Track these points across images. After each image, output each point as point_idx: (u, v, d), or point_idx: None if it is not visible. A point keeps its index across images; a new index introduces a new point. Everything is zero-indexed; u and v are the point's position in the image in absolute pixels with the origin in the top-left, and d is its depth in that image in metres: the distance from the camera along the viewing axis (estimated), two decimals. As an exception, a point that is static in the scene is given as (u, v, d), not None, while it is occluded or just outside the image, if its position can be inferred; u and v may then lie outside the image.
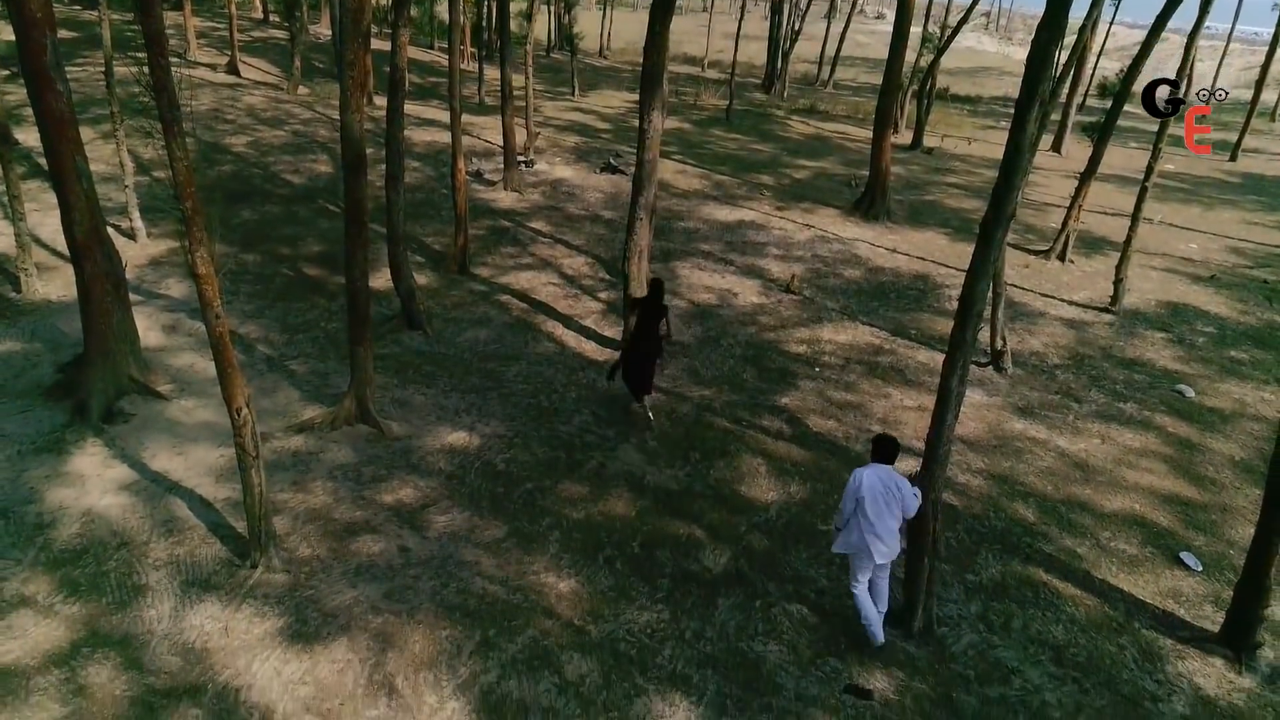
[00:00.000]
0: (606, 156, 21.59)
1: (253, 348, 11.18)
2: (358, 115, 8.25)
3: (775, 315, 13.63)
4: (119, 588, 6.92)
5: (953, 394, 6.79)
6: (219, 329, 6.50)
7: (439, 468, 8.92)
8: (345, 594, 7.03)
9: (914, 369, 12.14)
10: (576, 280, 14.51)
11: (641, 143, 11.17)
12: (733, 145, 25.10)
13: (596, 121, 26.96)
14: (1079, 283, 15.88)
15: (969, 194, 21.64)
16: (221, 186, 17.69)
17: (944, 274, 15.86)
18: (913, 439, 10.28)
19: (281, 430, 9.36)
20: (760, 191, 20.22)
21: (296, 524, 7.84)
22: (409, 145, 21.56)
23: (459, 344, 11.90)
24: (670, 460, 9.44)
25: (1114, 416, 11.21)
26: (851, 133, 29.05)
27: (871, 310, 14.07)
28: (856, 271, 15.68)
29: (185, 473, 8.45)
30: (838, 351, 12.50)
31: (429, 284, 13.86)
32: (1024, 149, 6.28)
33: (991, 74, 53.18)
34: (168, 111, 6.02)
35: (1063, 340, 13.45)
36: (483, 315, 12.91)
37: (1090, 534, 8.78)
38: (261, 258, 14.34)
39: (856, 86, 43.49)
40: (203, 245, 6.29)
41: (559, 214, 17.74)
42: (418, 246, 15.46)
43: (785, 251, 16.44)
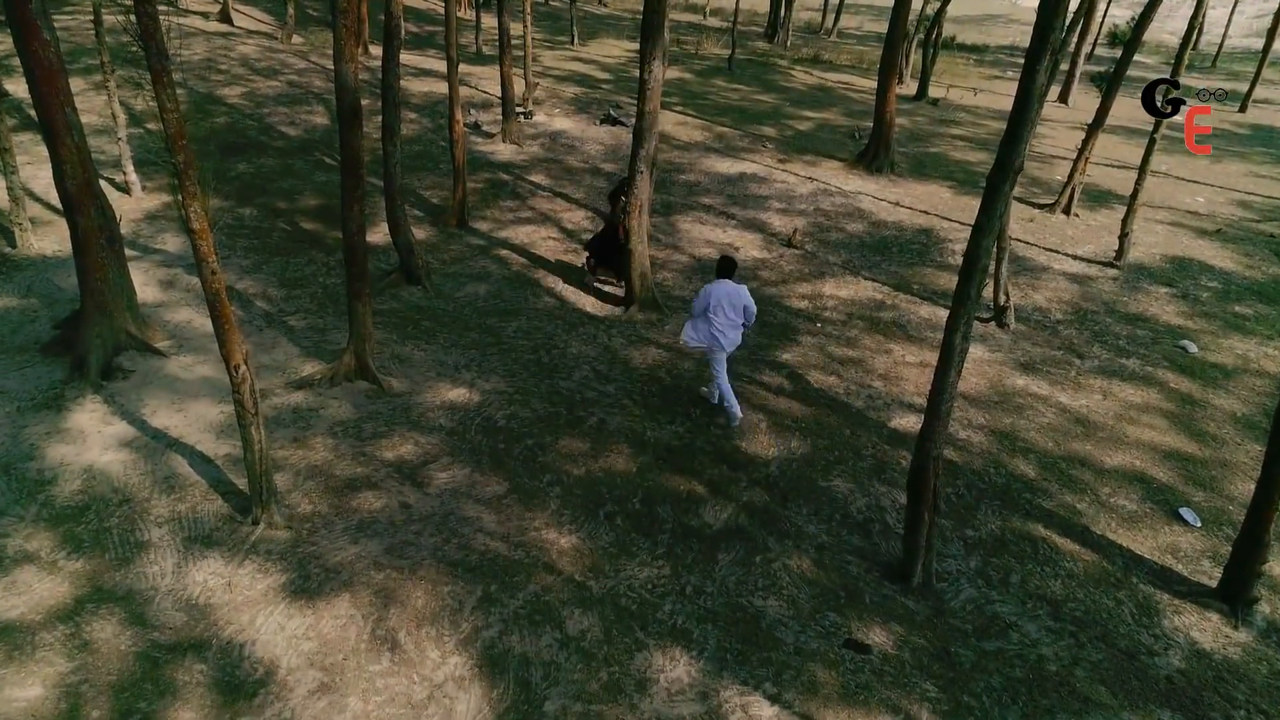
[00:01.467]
0: (607, 108, 21.24)
1: (250, 303, 11.10)
2: (352, 65, 8.06)
3: (777, 270, 13.51)
4: (122, 544, 6.95)
5: (955, 350, 6.74)
6: (215, 284, 6.42)
7: (439, 424, 8.91)
8: (347, 550, 7.06)
9: (916, 324, 12.07)
10: (577, 234, 14.36)
11: (642, 94, 10.96)
12: (735, 96, 24.68)
13: (596, 71, 26.48)
14: (1084, 237, 15.72)
15: (974, 146, 21.34)
16: (216, 139, 17.44)
17: (947, 228, 15.69)
18: (914, 395, 10.27)
19: (281, 387, 9.33)
20: (762, 143, 19.93)
21: (298, 480, 7.85)
22: (406, 96, 21.22)
23: (458, 299, 11.82)
24: (671, 416, 9.42)
25: (1116, 372, 11.17)
26: (856, 83, 28.55)
27: (874, 265, 13.95)
28: (859, 225, 15.52)
29: (185, 429, 8.44)
30: (839, 307, 12.42)
31: (427, 238, 13.72)
32: (1034, 99, 6.14)
33: (999, 21, 52.13)
34: (157, 61, 5.87)
35: (1066, 295, 13.35)
36: (482, 270, 12.81)
37: (1090, 490, 8.80)
38: (258, 212, 14.18)
39: (861, 35, 42.64)
40: (196, 200, 6.18)
41: (558, 166, 17.51)
42: (415, 200, 15.27)
43: (787, 205, 16.25)
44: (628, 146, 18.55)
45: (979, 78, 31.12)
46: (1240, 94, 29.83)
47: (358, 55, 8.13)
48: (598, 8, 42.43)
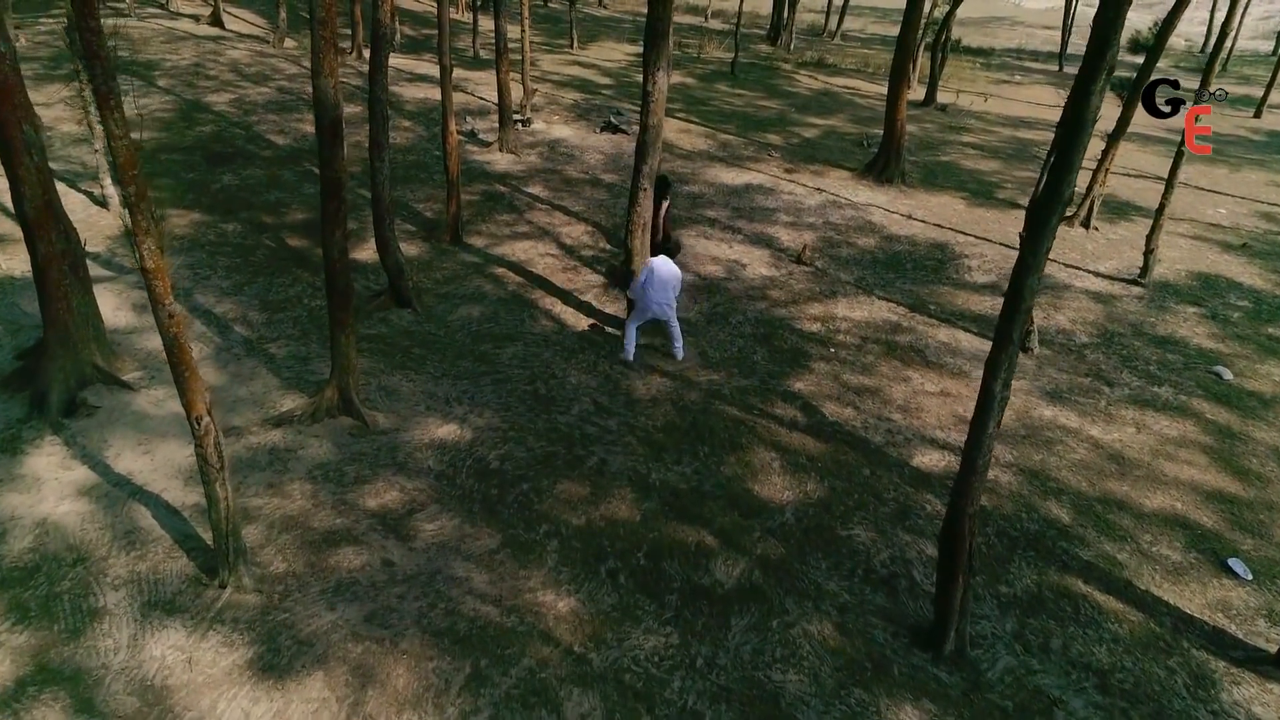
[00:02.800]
0: (607, 115, 20.59)
1: (229, 329, 10.44)
2: (332, 79, 7.41)
3: (786, 289, 12.86)
4: (73, 612, 6.30)
5: (995, 398, 6.09)
6: (173, 328, 5.76)
7: (427, 466, 8.25)
8: (323, 617, 6.40)
9: (935, 349, 11.41)
10: (576, 251, 13.71)
11: (645, 106, 10.32)
12: (738, 102, 24.03)
13: (596, 76, 25.84)
14: (1105, 252, 15.07)
15: (986, 154, 20.70)
16: (202, 148, 16.79)
17: (962, 242, 15.05)
18: (935, 428, 9.63)
19: (258, 424, 8.67)
20: (768, 152, 19.29)
21: (271, 534, 7.19)
22: (400, 102, 20.60)
23: (450, 323, 11.16)
24: (677, 455, 8.77)
25: (1149, 402, 10.52)
26: (862, 88, 27.90)
27: (888, 283, 13.30)
28: (871, 240, 14.86)
29: (151, 474, 7.78)
30: (853, 330, 11.77)
31: (420, 255, 13.06)
32: (1088, 124, 5.50)
33: (1003, 24, 51.50)
34: (103, 83, 5.21)
35: (1091, 315, 12.70)
36: (476, 290, 12.15)
37: (1130, 537, 8.15)
38: (242, 227, 13.52)
39: (865, 38, 41.98)
40: (150, 235, 5.51)
41: (557, 177, 16.86)
42: (408, 213, 14.62)
43: (795, 218, 15.60)
44: (629, 156, 17.90)
45: (986, 82, 30.48)
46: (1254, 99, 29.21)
47: (337, 68, 7.48)
48: (598, 10, 41.81)
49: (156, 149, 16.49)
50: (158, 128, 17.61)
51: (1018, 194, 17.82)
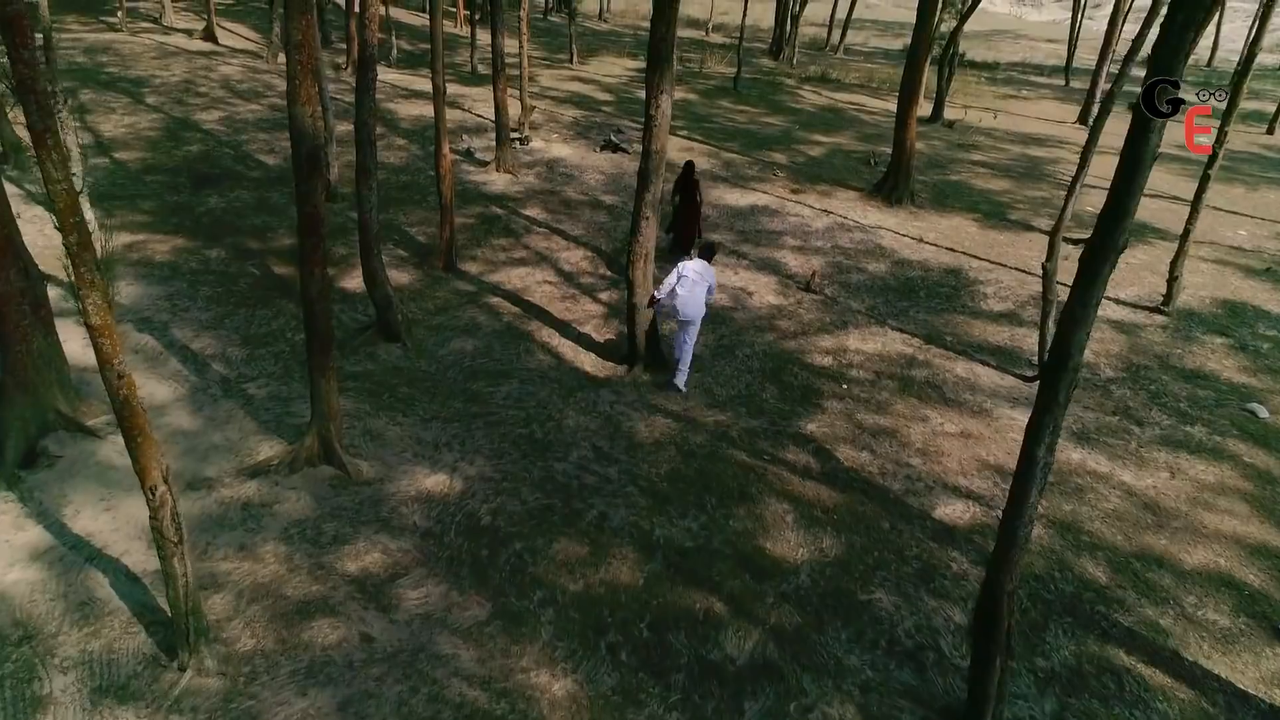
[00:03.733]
0: (607, 132, 20.06)
1: (206, 367, 9.84)
2: (309, 106, 6.83)
3: (795, 319, 12.27)
4: (14, 701, 5.67)
5: (1038, 465, 5.50)
6: (123, 390, 5.15)
7: (413, 522, 7.64)
8: (292, 705, 5.78)
9: (953, 385, 10.82)
10: (575, 278, 13.14)
11: (648, 130, 9.74)
12: (742, 118, 23.51)
13: (597, 92, 25.34)
14: (1124, 277, 14.49)
15: (997, 173, 20.16)
16: (188, 168, 16.23)
17: (977, 267, 14.48)
18: (957, 474, 9.02)
19: (232, 474, 8.06)
20: (773, 171, 18.74)
21: (240, 604, 6.57)
22: (395, 120, 20.10)
23: (442, 358, 10.56)
24: (683, 507, 8.15)
25: (1182, 443, 9.92)
26: (866, 103, 27.41)
27: (901, 312, 12.71)
28: (881, 265, 14.29)
29: (112, 535, 7.16)
30: (866, 364, 11.17)
31: (411, 283, 12.49)
32: (1146, 164, 4.90)
33: (1006, 37, 51.14)
34: (38, 120, 4.60)
35: (1114, 347, 12.12)
36: (470, 321, 11.56)
37: (1173, 599, 7.53)
38: (227, 253, 12.94)
39: (868, 51, 41.56)
40: (95, 288, 4.91)
41: (556, 199, 16.30)
42: (400, 238, 14.06)
43: (803, 241, 15.04)
44: (630, 175, 17.37)
45: (993, 97, 30.02)
46: (1266, 114, 28.72)
47: (315, 95, 6.91)
48: (598, 24, 41.40)
49: (141, 170, 15.94)
50: (144, 147, 17.07)
51: (1031, 215, 17.28)
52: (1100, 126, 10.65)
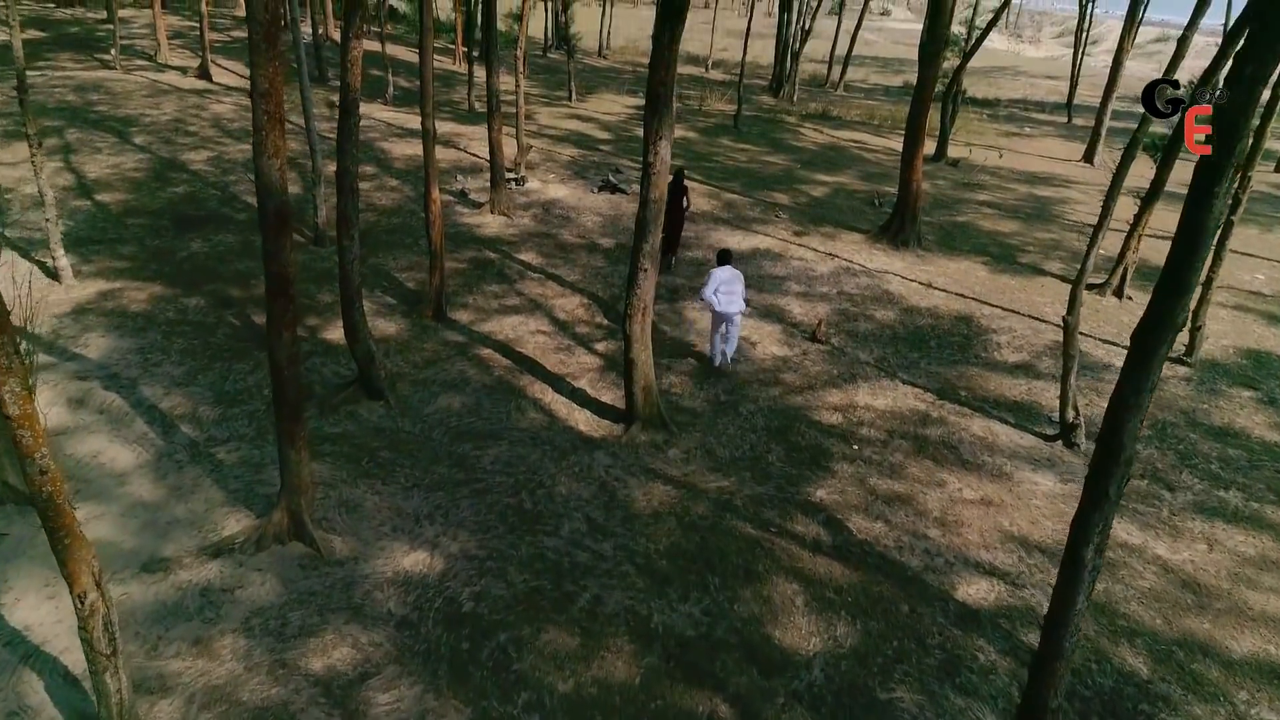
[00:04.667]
0: (605, 172, 19.62)
1: (174, 429, 9.21)
2: (277, 160, 6.29)
3: (801, 372, 11.67)
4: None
5: (1086, 568, 4.88)
6: (47, 487, 4.52)
7: (388, 609, 6.97)
8: (240, 839, 5.08)
9: (969, 445, 10.19)
10: (570, 327, 12.56)
11: (646, 178, 9.21)
12: (742, 157, 23.11)
13: (595, 130, 24.98)
14: (1143, 325, 13.89)
15: (1004, 214, 19.69)
16: (172, 211, 15.73)
17: (988, 315, 13.91)
18: (979, 548, 8.36)
19: (193, 554, 7.40)
20: (775, 213, 18.26)
21: (190, 712, 5.88)
22: (388, 159, 19.67)
23: (427, 417, 9.95)
24: (683, 588, 7.49)
25: (1216, 510, 9.27)
26: (868, 141, 27.07)
27: (912, 364, 12.11)
28: (890, 313, 13.72)
29: (54, 628, 6.49)
30: (877, 422, 10.56)
31: (398, 334, 11.91)
32: (1208, 234, 4.34)
33: (1006, 74, 51.22)
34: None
35: (1137, 402, 11.47)
36: (458, 375, 10.96)
37: (1223, 695, 6.85)
38: (206, 301, 12.38)
39: (868, 88, 41.46)
40: (12, 374, 4.30)
41: (551, 242, 15.78)
42: (388, 284, 13.51)
43: (807, 287, 14.49)
44: (628, 218, 16.89)
45: (996, 134, 29.72)
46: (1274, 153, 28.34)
47: (284, 148, 6.37)
48: (597, 60, 41.31)
49: (123, 212, 15.44)
50: (127, 189, 16.58)
51: (1041, 259, 16.77)
52: (1124, 172, 10.10)
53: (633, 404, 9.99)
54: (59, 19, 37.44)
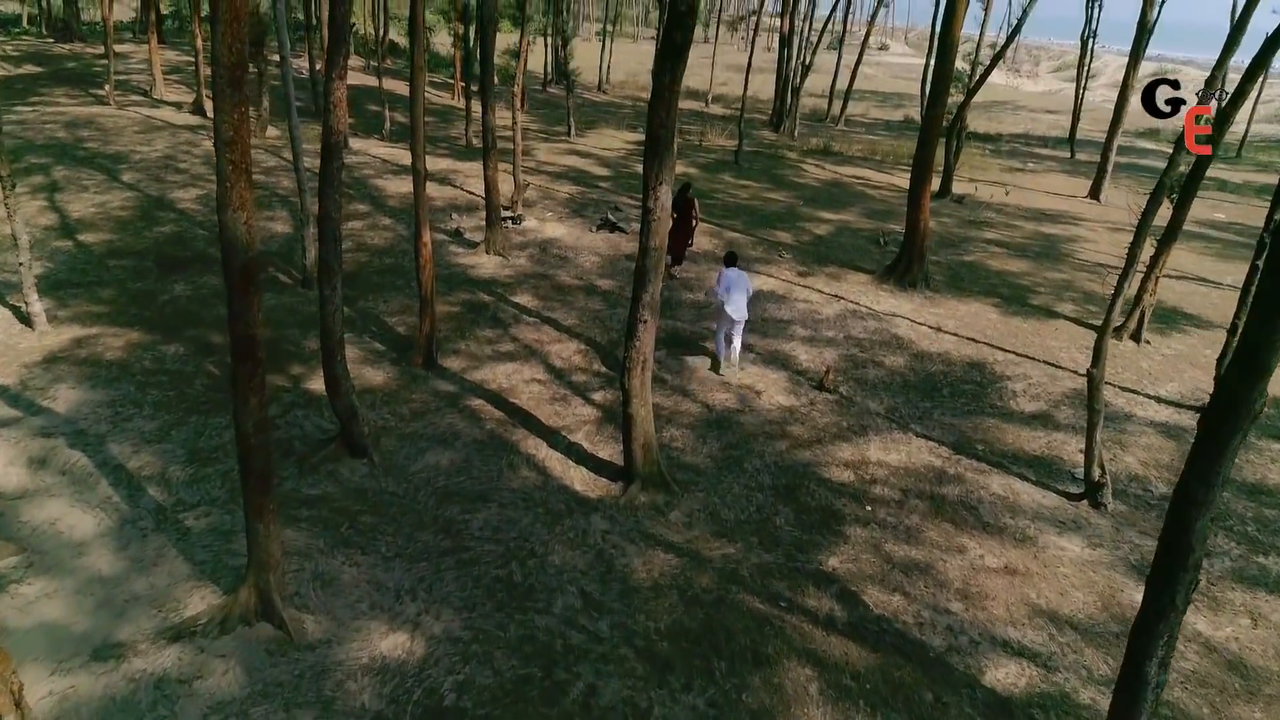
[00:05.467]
0: (604, 210, 19.18)
1: (140, 492, 8.62)
2: (243, 213, 5.76)
3: (809, 424, 11.10)
4: None
5: (1149, 685, 4.29)
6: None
7: (361, 703, 6.33)
8: None
9: (989, 505, 9.59)
10: (566, 375, 12.00)
11: (646, 224, 8.71)
12: (744, 194, 22.71)
13: (594, 167, 24.61)
14: (1162, 371, 13.38)
15: (1012, 253, 19.22)
16: (157, 252, 15.25)
17: (1002, 360, 13.36)
18: (1006, 624, 7.74)
19: (150, 637, 6.78)
20: (778, 252, 17.78)
21: (132, 832, 5.24)
22: (382, 197, 19.26)
23: (413, 476, 9.35)
24: (687, 675, 6.85)
25: (1256, 579, 8.65)
26: (871, 177, 26.71)
27: (924, 414, 11.54)
28: (899, 358, 13.17)
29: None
30: (891, 479, 9.96)
31: (386, 384, 11.35)
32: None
33: (1006, 109, 51.20)
34: None
35: (1164, 456, 10.92)
36: (448, 429, 10.38)
37: (1283, 800, 6.18)
38: (185, 349, 11.83)
39: (868, 123, 41.32)
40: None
41: (548, 283, 15.27)
42: (378, 329, 12.98)
43: (813, 331, 13.95)
44: (627, 258, 16.39)
45: (999, 170, 29.40)
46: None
47: (250, 201, 5.85)
48: (597, 95, 41.20)
49: (106, 253, 14.96)
50: (112, 228, 16.13)
51: (1054, 300, 16.25)
52: (1150, 217, 9.61)
53: (631, 462, 9.41)
54: (57, 54, 37.41)
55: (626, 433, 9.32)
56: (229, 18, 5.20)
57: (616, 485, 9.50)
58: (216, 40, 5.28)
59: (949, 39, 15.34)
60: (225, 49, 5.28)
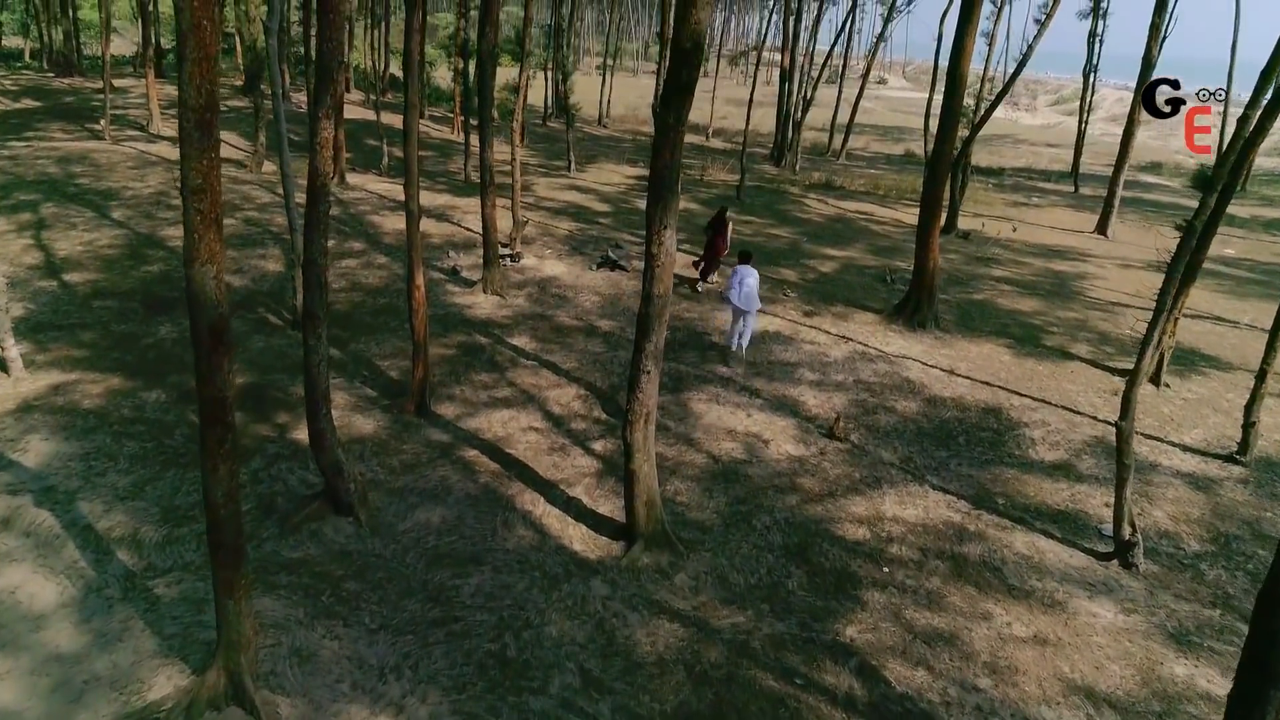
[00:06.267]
0: (605, 247, 18.76)
1: (108, 556, 8.06)
2: (212, 266, 5.29)
3: (820, 476, 10.56)
4: None
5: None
6: None
7: (338, 804, 5.74)
8: None
9: (1014, 566, 9.03)
10: (565, 422, 11.49)
11: (649, 270, 8.24)
12: (747, 230, 22.30)
13: (594, 202, 24.28)
14: (1185, 417, 12.86)
15: (1021, 291, 18.78)
16: (143, 292, 14.79)
17: (1018, 405, 12.84)
18: (1038, 701, 7.17)
19: (108, 724, 6.20)
20: (784, 291, 17.33)
21: None
22: (378, 235, 18.87)
23: (401, 536, 8.80)
24: (696, 766, 6.26)
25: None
26: (875, 212, 26.38)
27: (940, 464, 11.01)
28: (912, 404, 12.66)
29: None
30: (909, 536, 9.41)
31: (376, 433, 10.83)
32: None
33: (1006, 141, 51.18)
34: None
35: (1194, 510, 10.37)
36: (439, 483, 9.85)
37: None
38: (167, 395, 11.33)
39: (869, 157, 41.19)
40: None
41: (546, 324, 14.80)
42: (370, 374, 12.49)
43: (821, 375, 13.45)
44: (628, 297, 15.96)
45: (1003, 205, 29.12)
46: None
47: (220, 253, 5.38)
48: (597, 129, 41.12)
49: (90, 294, 14.50)
50: (98, 267, 15.69)
51: (1068, 341, 15.77)
52: (1182, 262, 9.15)
53: (634, 520, 8.86)
54: (56, 88, 37.35)
55: (628, 490, 8.79)
56: (197, 56, 4.76)
57: (618, 545, 8.95)
58: (183, 80, 4.84)
59: (957, 74, 15.00)
60: (193, 90, 4.83)
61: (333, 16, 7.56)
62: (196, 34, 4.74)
